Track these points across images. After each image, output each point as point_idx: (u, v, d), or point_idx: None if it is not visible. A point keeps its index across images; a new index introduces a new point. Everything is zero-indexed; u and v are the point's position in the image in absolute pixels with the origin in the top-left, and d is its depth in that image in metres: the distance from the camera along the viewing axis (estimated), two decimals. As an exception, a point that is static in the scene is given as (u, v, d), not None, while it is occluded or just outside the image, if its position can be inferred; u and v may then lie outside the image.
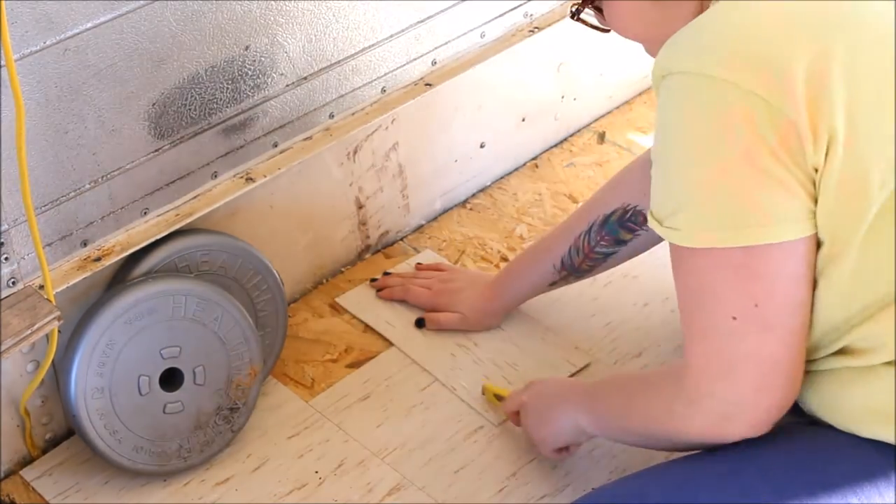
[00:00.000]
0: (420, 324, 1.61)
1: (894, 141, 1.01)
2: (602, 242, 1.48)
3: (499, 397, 1.48)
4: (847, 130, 1.01)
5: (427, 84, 1.62)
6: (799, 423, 1.15)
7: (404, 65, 1.58)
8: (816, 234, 1.04)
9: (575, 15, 1.22)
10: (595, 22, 1.23)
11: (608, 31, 1.20)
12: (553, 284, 1.55)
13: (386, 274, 1.68)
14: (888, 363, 1.06)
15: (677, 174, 1.06)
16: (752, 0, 1.05)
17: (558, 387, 1.37)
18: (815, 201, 1.03)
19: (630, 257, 1.52)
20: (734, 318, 1.05)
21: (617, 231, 1.48)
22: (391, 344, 1.59)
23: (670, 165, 1.07)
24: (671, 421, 1.12)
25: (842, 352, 1.09)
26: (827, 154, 1.01)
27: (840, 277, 1.05)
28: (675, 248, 1.08)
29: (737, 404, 1.08)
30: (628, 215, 1.46)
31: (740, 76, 1.00)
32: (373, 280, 1.68)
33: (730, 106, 1.01)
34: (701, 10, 1.09)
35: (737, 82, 1.00)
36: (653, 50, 1.16)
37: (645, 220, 1.44)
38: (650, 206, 1.10)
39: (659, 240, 1.42)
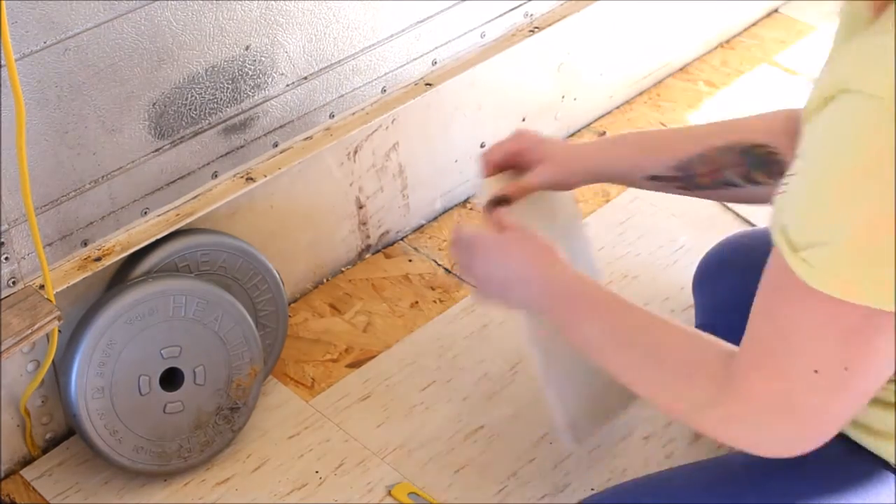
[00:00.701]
0: (500, 202, 1.34)
1: None
2: (734, 170, 1.32)
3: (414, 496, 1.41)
4: None
5: (427, 84, 1.62)
6: None
7: (404, 65, 1.58)
8: None
9: None
10: None
11: None
12: (653, 179, 1.35)
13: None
14: None
15: (839, 205, 0.90)
16: None
17: (520, 262, 1.18)
18: None
19: (747, 202, 1.36)
20: (816, 372, 0.94)
21: (755, 168, 1.31)
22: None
23: (831, 192, 0.91)
24: (695, 415, 1.02)
25: None
26: None
27: None
28: (789, 276, 0.93)
29: (779, 439, 0.99)
30: (773, 159, 1.31)
31: None
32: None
33: None
34: None
35: None
36: None
37: (781, 171, 1.25)
38: (785, 223, 0.94)
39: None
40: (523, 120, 1.86)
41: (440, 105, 1.70)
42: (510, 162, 1.37)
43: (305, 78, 1.46)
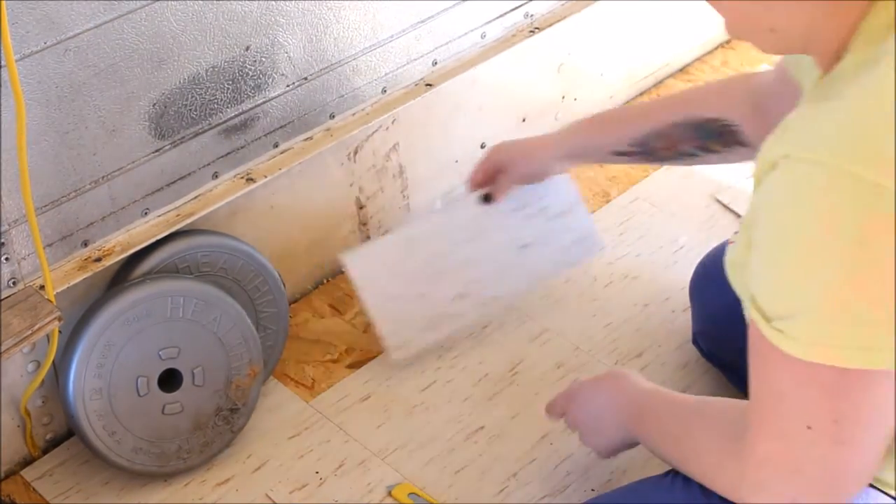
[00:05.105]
0: (487, 198, 1.58)
1: None
2: (689, 143, 1.41)
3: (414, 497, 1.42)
4: None
5: (427, 84, 1.62)
6: None
7: (405, 65, 1.58)
8: None
9: None
10: None
11: None
12: (617, 154, 1.48)
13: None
14: None
15: (803, 276, 0.92)
16: None
17: (607, 395, 1.30)
18: None
19: (707, 164, 1.46)
20: (809, 428, 0.96)
21: (709, 139, 1.40)
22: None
23: (790, 263, 0.93)
24: (738, 494, 1.05)
25: None
26: None
27: None
28: (767, 343, 0.96)
29: (805, 500, 1.00)
30: (726, 130, 1.38)
31: (892, 178, 0.86)
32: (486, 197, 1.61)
33: (874, 213, 0.87)
34: (812, 21, 0.96)
35: (885, 184, 0.86)
36: (735, 31, 1.02)
37: (736, 141, 1.37)
38: (753, 293, 0.97)
39: (739, 159, 1.41)
40: (523, 120, 1.86)
41: (440, 105, 1.69)
42: (493, 176, 1.57)
43: (306, 78, 1.46)
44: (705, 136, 1.40)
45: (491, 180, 1.58)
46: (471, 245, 1.59)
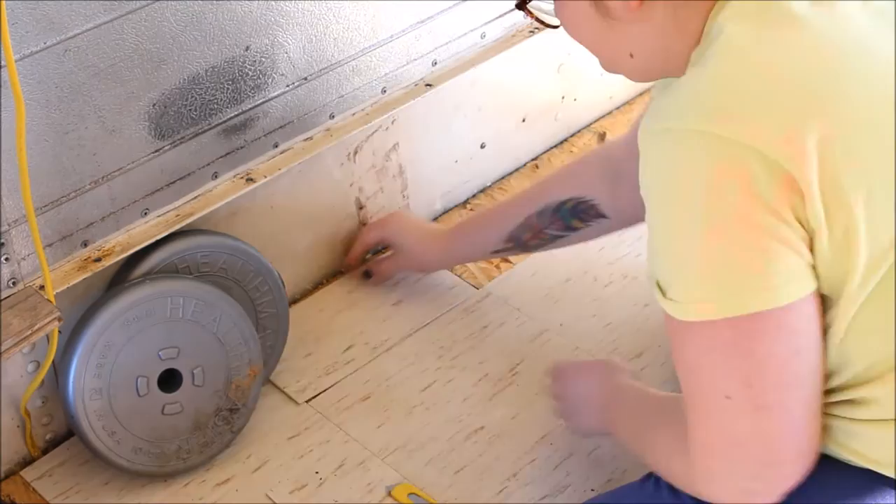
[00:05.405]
0: (367, 275, 1.67)
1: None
2: (553, 226, 1.50)
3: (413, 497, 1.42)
4: (859, 194, 0.95)
5: (427, 84, 1.62)
6: None
7: (404, 65, 1.58)
8: (819, 289, 0.98)
9: (521, 5, 1.15)
10: (547, 18, 1.16)
11: (556, 26, 1.13)
12: (496, 252, 1.57)
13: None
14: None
15: (670, 238, 0.99)
16: (745, 56, 0.97)
17: (597, 379, 1.34)
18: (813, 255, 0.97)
19: (580, 242, 1.53)
20: (728, 398, 1.00)
21: (569, 219, 1.49)
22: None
23: (661, 234, 1.00)
24: (694, 488, 1.07)
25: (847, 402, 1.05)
26: (829, 212, 0.95)
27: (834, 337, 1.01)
28: (668, 321, 1.02)
29: (753, 479, 1.02)
30: (582, 207, 1.47)
31: (730, 128, 0.93)
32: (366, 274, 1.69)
33: (718, 162, 0.93)
34: (662, 37, 1.03)
35: (726, 135, 0.93)
36: (606, 65, 1.11)
37: (597, 214, 1.46)
38: (652, 272, 1.02)
39: (608, 230, 1.49)
40: (523, 120, 1.86)
41: (440, 105, 1.70)
42: (379, 244, 1.67)
43: (305, 79, 1.46)
44: (565, 216, 1.49)
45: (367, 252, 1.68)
46: None
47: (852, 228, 0.96)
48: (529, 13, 1.15)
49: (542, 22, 1.16)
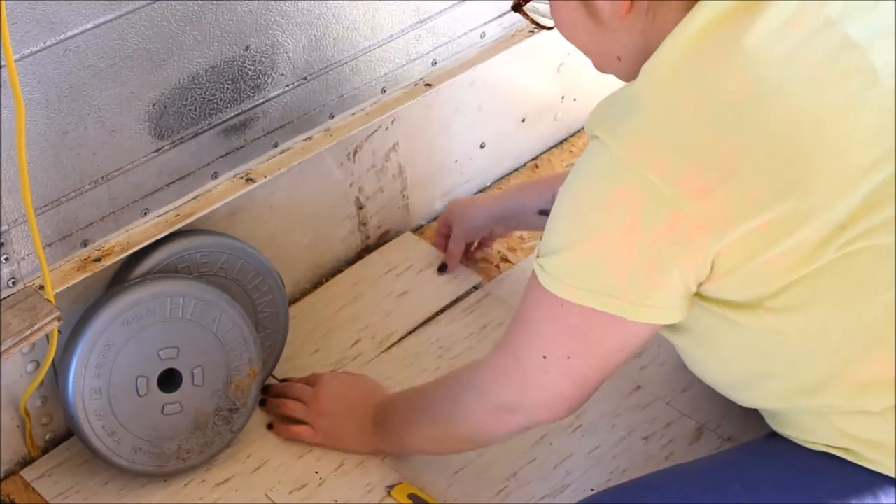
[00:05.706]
0: (442, 268, 1.69)
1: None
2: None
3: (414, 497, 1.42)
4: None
5: (427, 84, 1.62)
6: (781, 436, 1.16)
7: (404, 65, 1.58)
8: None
9: (517, 7, 1.19)
10: (542, 20, 1.21)
11: (551, 27, 1.17)
12: (542, 213, 1.53)
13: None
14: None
15: (565, 225, 1.07)
16: (666, 86, 1.02)
17: (357, 394, 1.45)
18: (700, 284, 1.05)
19: None
20: (544, 357, 1.13)
21: None
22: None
23: (564, 213, 1.08)
24: (457, 410, 1.25)
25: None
26: (723, 245, 1.01)
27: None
28: (533, 278, 1.11)
29: (519, 411, 1.20)
30: None
31: (640, 159, 1.00)
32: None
33: (619, 184, 1.01)
34: (644, 45, 1.06)
35: (632, 165, 1.00)
36: (598, 66, 1.15)
37: None
38: (544, 238, 1.11)
39: None
40: (523, 120, 1.86)
41: (440, 105, 1.70)
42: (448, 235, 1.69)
43: (305, 78, 1.46)
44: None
45: (447, 239, 1.70)
46: None
47: (758, 249, 1.01)
48: (525, 14, 1.19)
49: (536, 23, 1.21)
